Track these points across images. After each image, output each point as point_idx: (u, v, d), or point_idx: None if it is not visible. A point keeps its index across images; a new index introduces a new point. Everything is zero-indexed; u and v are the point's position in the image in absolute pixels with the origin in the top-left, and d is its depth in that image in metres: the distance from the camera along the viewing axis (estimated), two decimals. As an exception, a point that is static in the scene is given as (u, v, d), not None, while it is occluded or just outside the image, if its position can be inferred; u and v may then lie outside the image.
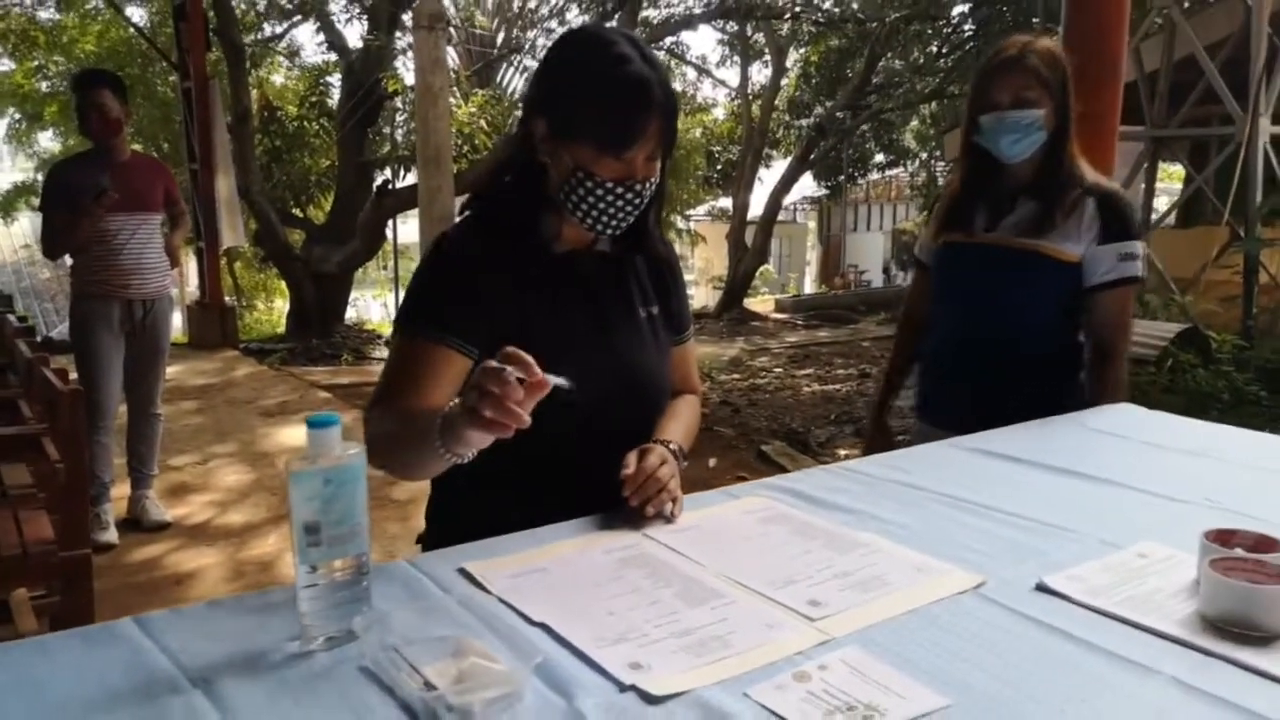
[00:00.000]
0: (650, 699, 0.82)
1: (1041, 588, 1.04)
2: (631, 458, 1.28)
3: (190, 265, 9.80)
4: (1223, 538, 1.05)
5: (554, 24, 15.53)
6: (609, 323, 1.38)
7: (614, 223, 1.30)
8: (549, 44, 1.39)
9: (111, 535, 3.51)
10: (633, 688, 0.84)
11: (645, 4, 12.21)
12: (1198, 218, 9.67)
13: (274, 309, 16.07)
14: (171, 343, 3.90)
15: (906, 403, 2.30)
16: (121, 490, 3.74)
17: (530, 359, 1.03)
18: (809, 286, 23.38)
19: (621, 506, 1.25)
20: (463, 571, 1.09)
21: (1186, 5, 9.67)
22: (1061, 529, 1.21)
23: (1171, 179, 16.18)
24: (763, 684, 0.85)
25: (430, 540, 1.41)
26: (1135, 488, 1.38)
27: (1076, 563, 1.10)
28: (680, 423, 1.44)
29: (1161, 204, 9.28)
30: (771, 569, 1.10)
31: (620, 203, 1.28)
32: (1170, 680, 0.85)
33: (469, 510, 1.32)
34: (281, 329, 11.48)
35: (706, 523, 1.27)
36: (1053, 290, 1.90)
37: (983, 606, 1.00)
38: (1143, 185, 8.19)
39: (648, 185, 1.29)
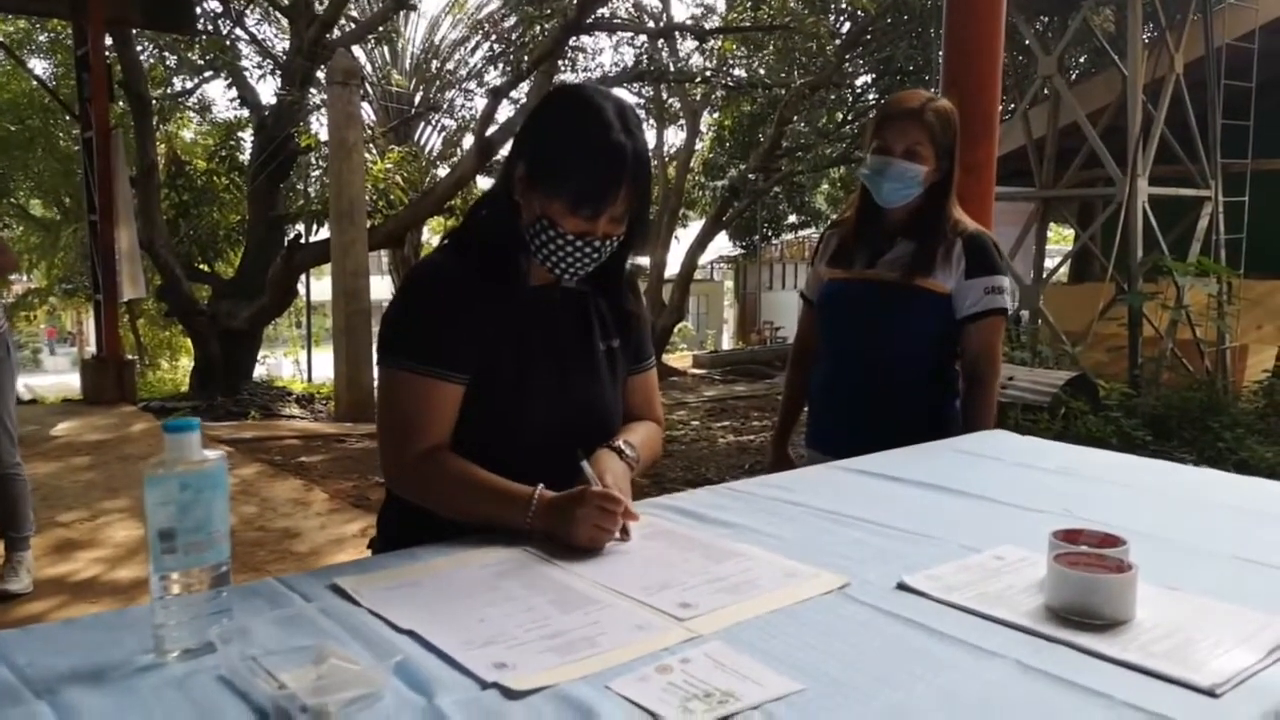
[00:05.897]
0: (511, 694, 0.83)
1: (902, 586, 1.08)
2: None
3: (89, 320, 9.45)
4: (1070, 536, 1.11)
5: (472, 84, 15.72)
6: (567, 358, 1.43)
7: (571, 270, 1.36)
8: (541, 98, 1.46)
9: None
10: (495, 685, 0.84)
11: (562, 66, 12.43)
12: (1087, 274, 10.19)
13: (179, 368, 15.53)
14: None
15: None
16: None
17: (626, 502, 1.25)
18: (726, 342, 23.72)
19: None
20: (334, 587, 1.07)
21: (1073, 76, 10.32)
22: (926, 536, 1.26)
23: (1066, 241, 17.04)
24: (625, 677, 0.86)
25: (380, 546, 1.43)
26: (999, 501, 1.44)
27: (936, 564, 1.14)
28: (637, 434, 1.48)
29: (1053, 263, 9.76)
30: (647, 577, 1.12)
31: (579, 254, 1.34)
32: (1013, 662, 0.89)
33: (422, 525, 1.32)
34: (186, 388, 11.10)
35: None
36: (926, 321, 2.00)
37: (845, 604, 1.04)
38: (1034, 244, 8.62)
39: (608, 243, 1.35)
